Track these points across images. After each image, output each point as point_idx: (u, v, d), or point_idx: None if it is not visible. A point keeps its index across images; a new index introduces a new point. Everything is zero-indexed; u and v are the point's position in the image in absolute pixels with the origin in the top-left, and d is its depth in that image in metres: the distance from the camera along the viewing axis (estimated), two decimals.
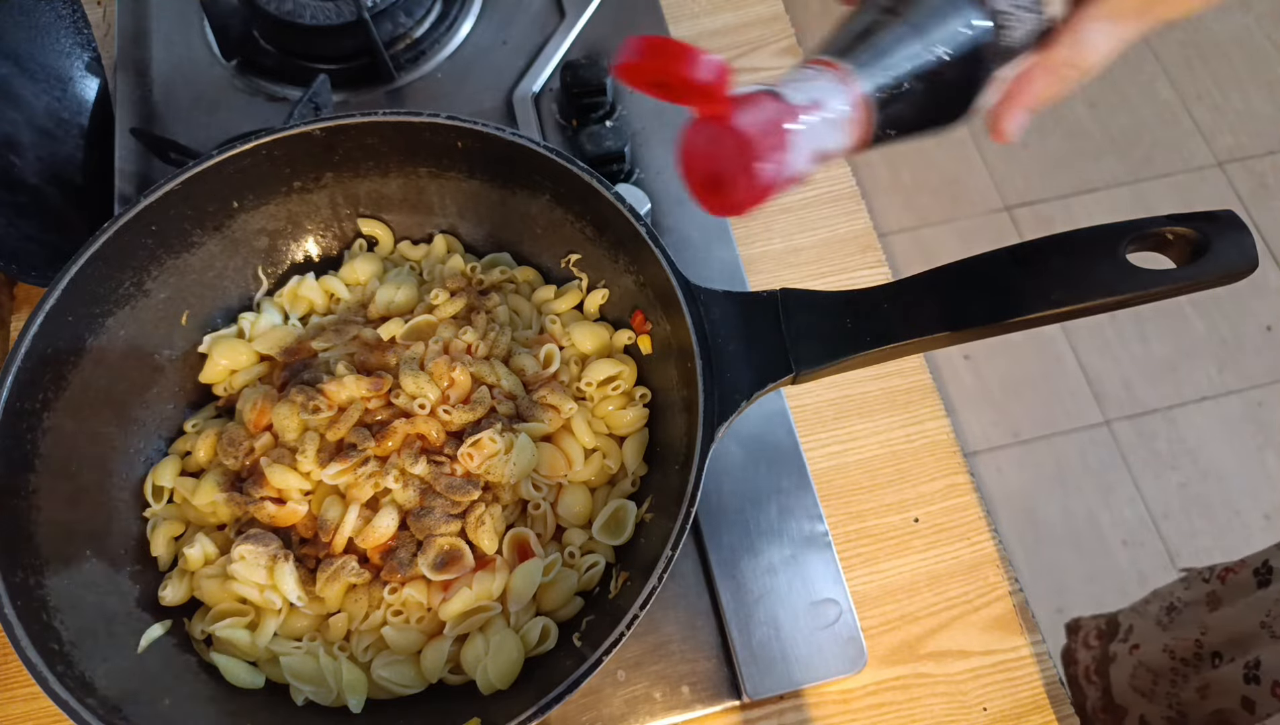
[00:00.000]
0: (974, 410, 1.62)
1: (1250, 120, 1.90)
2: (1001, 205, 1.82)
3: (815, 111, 0.36)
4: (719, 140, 0.36)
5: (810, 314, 0.49)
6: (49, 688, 0.43)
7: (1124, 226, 0.46)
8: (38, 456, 0.49)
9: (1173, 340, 1.69)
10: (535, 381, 0.57)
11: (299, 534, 0.53)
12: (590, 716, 0.56)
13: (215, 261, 0.59)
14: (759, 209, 0.37)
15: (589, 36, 0.78)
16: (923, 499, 0.64)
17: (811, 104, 0.36)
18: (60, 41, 0.72)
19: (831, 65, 0.37)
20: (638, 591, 0.45)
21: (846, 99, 0.36)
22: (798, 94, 0.36)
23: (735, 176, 0.36)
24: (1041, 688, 0.59)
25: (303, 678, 0.50)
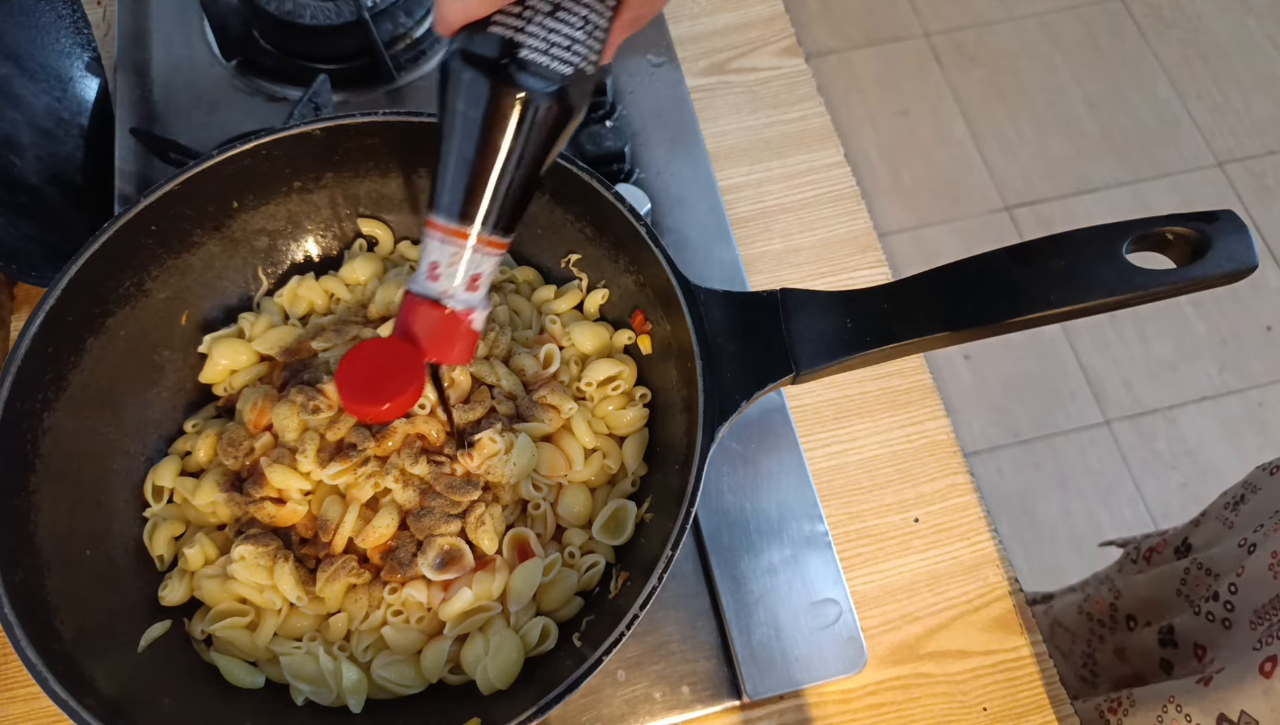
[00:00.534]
0: (974, 410, 1.62)
1: (1250, 120, 1.90)
2: (1001, 205, 1.82)
3: (437, 268, 0.41)
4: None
5: (810, 314, 0.49)
6: (49, 688, 0.43)
7: (1124, 226, 0.46)
8: (38, 456, 0.49)
9: (1173, 340, 1.69)
10: (535, 381, 0.57)
11: (299, 534, 0.53)
12: (590, 716, 0.56)
13: (215, 261, 0.59)
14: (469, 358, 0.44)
15: None
16: (923, 499, 0.64)
17: (430, 266, 0.41)
18: (60, 41, 0.72)
19: (434, 225, 0.41)
20: (638, 591, 0.45)
21: (447, 244, 0.41)
22: (416, 275, 0.42)
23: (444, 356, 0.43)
24: (1041, 688, 0.59)
25: (303, 678, 0.50)
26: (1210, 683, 0.56)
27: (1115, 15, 2.02)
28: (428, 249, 0.42)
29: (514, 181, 0.40)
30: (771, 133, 0.78)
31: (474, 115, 0.39)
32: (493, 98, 0.38)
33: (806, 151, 0.77)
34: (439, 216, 0.41)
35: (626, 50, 0.78)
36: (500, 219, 0.41)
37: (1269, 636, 0.54)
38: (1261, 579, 0.57)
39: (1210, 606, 0.62)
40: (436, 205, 0.41)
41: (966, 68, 1.96)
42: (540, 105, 0.39)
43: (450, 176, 0.40)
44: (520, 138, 0.39)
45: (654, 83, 0.77)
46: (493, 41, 0.38)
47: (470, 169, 0.39)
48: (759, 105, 0.79)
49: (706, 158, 0.74)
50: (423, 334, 0.43)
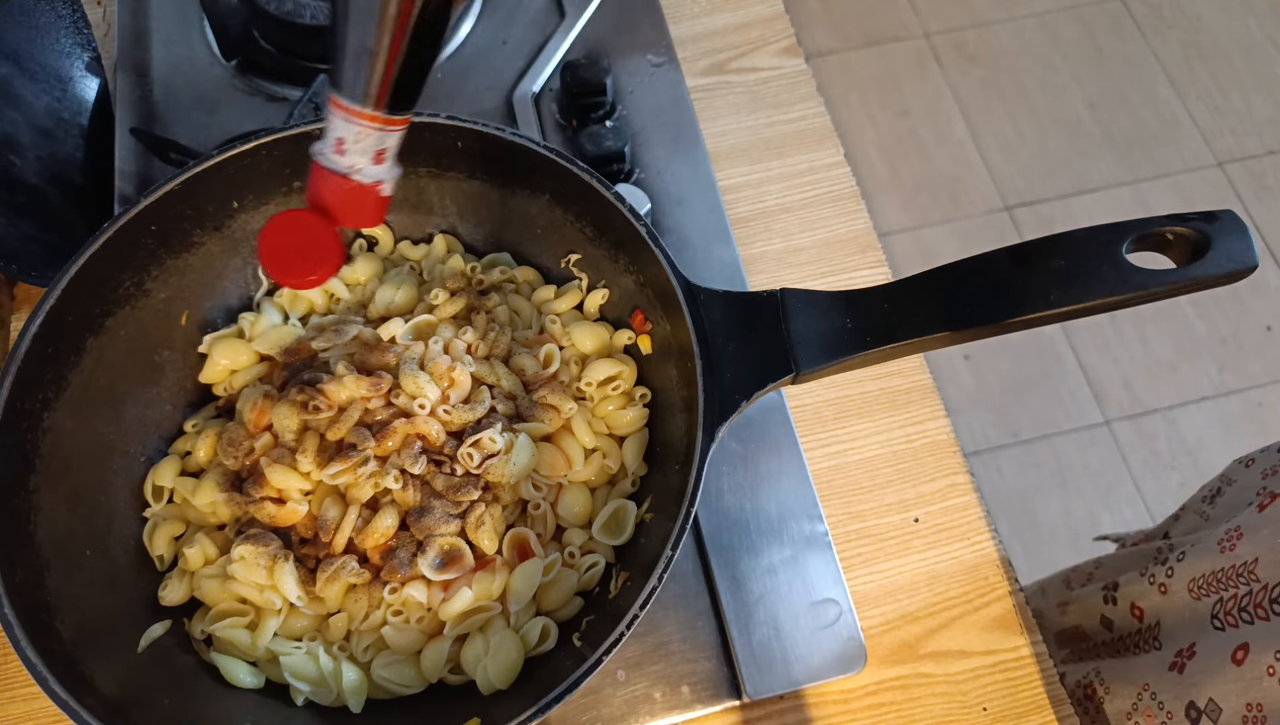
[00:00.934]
0: (974, 410, 1.62)
1: (1250, 120, 1.90)
2: (1001, 205, 1.82)
3: (343, 144, 0.43)
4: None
5: (810, 314, 0.49)
6: (49, 688, 0.43)
7: (1124, 226, 0.46)
8: (38, 456, 0.49)
9: (1173, 340, 1.69)
10: (535, 381, 0.57)
11: (299, 534, 0.53)
12: (590, 716, 0.56)
13: (215, 261, 0.59)
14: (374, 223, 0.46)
15: (589, 36, 0.78)
16: (923, 499, 0.64)
17: (336, 141, 0.43)
18: (60, 41, 0.72)
19: (338, 105, 0.42)
20: (638, 591, 0.45)
21: (351, 124, 0.42)
22: (322, 147, 0.43)
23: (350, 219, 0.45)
24: (1042, 688, 0.59)
25: (303, 678, 0.50)
26: (1184, 670, 0.56)
27: (1115, 15, 2.02)
28: (332, 124, 0.43)
29: (411, 63, 0.41)
30: (771, 133, 0.78)
31: (369, 5, 0.39)
32: None
33: (806, 151, 0.77)
34: (342, 97, 0.42)
35: (626, 50, 0.78)
36: (401, 100, 0.42)
37: (1226, 614, 0.55)
38: (1209, 551, 0.58)
39: (1154, 569, 0.63)
40: (339, 86, 0.41)
41: (966, 68, 1.96)
42: None
43: (349, 59, 0.40)
44: (413, 24, 0.39)
45: (654, 83, 0.77)
46: None
47: (370, 55, 0.40)
48: (759, 105, 0.79)
49: (706, 158, 0.74)
50: (335, 205, 0.45)
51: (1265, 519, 0.55)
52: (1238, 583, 0.55)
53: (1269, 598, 0.51)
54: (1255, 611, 0.52)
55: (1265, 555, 0.53)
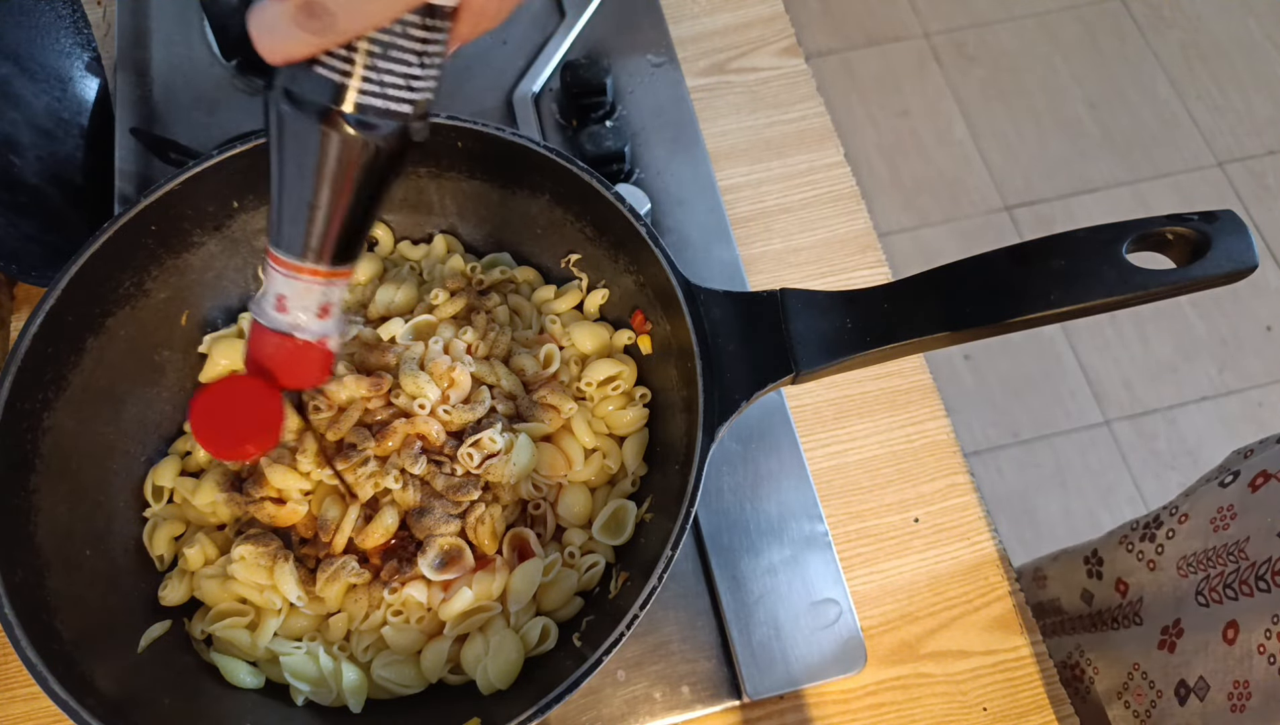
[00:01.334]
0: (974, 410, 1.62)
1: (1250, 120, 1.90)
2: (1001, 205, 1.82)
3: (285, 301, 0.40)
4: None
5: (810, 314, 0.49)
6: (49, 688, 0.43)
7: (1124, 226, 0.46)
8: (38, 456, 0.49)
9: (1173, 340, 1.69)
10: (535, 381, 0.57)
11: (299, 534, 0.53)
12: (590, 716, 0.56)
13: (215, 261, 0.59)
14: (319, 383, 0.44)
15: (589, 36, 0.78)
16: (923, 499, 0.64)
17: (277, 298, 0.40)
18: (60, 41, 0.72)
19: (277, 261, 0.40)
20: (638, 591, 0.45)
21: (293, 280, 0.40)
22: (262, 305, 0.41)
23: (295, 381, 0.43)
24: (1041, 688, 0.59)
25: (303, 678, 0.50)
26: (1175, 649, 0.56)
27: (1115, 15, 2.02)
28: (272, 281, 0.40)
29: (356, 217, 0.38)
30: (771, 133, 0.78)
31: (308, 161, 0.36)
32: (326, 147, 0.35)
33: (806, 151, 0.77)
34: (281, 252, 0.39)
35: (627, 50, 0.78)
36: (342, 253, 0.39)
37: (1211, 590, 0.55)
38: (1201, 529, 0.58)
39: (1143, 546, 0.63)
40: (277, 241, 0.39)
41: (966, 68, 1.96)
42: (379, 147, 0.36)
43: (288, 215, 0.38)
44: (359, 180, 0.37)
45: (654, 83, 0.77)
46: (322, 86, 0.34)
47: (309, 211, 0.37)
48: (759, 105, 0.79)
49: (706, 158, 0.74)
50: (277, 365, 0.42)
51: (1257, 499, 0.55)
52: (1226, 560, 0.55)
53: (1255, 574, 0.51)
54: (1240, 588, 0.52)
55: (1255, 534, 0.53)
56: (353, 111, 0.35)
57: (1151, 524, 0.65)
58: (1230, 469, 0.68)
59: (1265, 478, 0.56)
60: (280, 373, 0.43)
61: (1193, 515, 0.60)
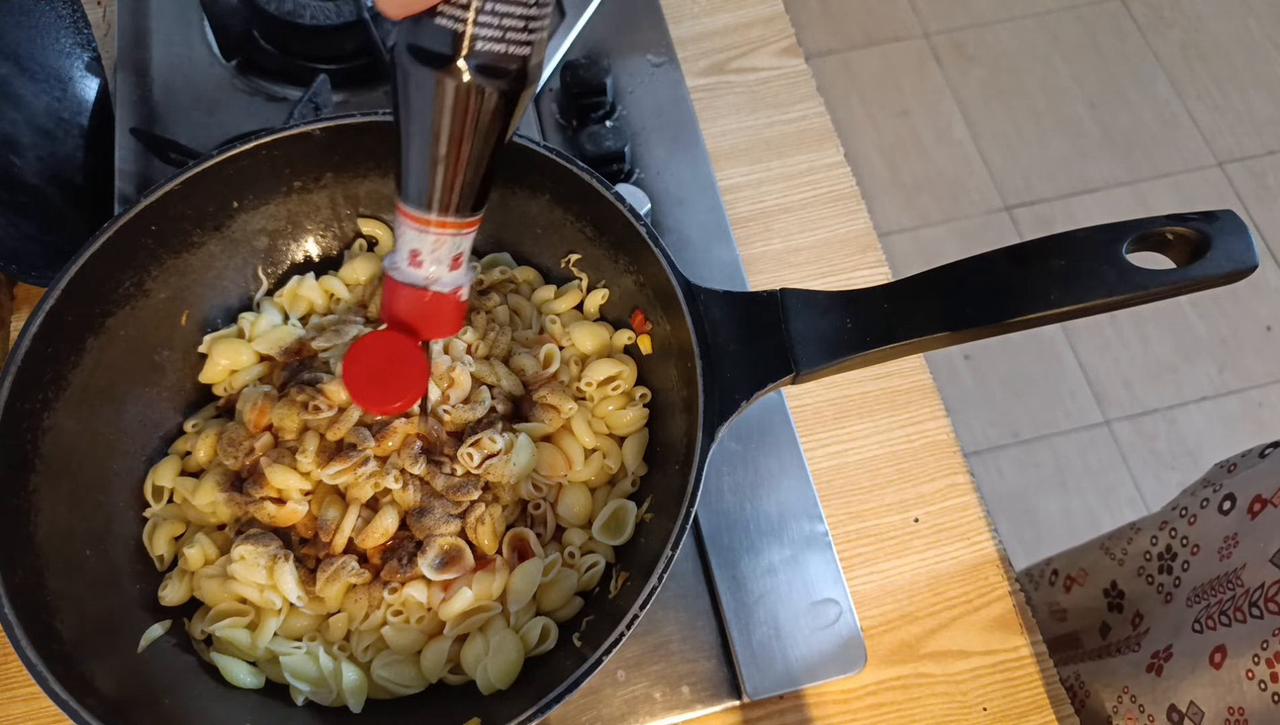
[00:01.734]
0: (974, 410, 1.62)
1: (1250, 120, 1.90)
2: (1001, 205, 1.82)
3: (419, 255, 0.41)
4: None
5: (810, 314, 0.49)
6: (49, 688, 0.43)
7: (1124, 226, 0.46)
8: (38, 456, 0.49)
9: (1173, 340, 1.69)
10: (535, 381, 0.57)
11: (299, 534, 0.53)
12: (590, 716, 0.56)
13: (215, 261, 0.59)
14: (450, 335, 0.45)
15: (589, 36, 0.78)
16: (923, 499, 0.64)
17: (411, 253, 0.41)
18: (60, 41, 0.72)
19: (409, 216, 0.41)
20: (638, 591, 0.45)
21: (426, 233, 0.41)
22: (395, 261, 0.42)
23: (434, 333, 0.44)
24: (1041, 688, 0.59)
25: (303, 678, 0.50)
26: (1162, 673, 0.56)
27: (1115, 15, 2.02)
28: (405, 237, 0.41)
29: (484, 166, 0.39)
30: (771, 133, 0.78)
31: (436, 113, 0.37)
32: (453, 96, 0.36)
33: (806, 151, 0.77)
34: (411, 207, 0.40)
35: (626, 50, 0.78)
36: (471, 202, 0.40)
37: (1208, 618, 0.55)
38: (1209, 560, 0.58)
39: (1162, 579, 0.63)
40: (406, 195, 0.40)
41: (966, 68, 1.96)
42: (503, 92, 0.37)
43: (417, 168, 0.39)
44: (485, 128, 0.38)
45: (654, 83, 0.77)
46: (443, 36, 0.35)
47: (441, 164, 0.38)
48: (759, 105, 0.79)
49: (706, 158, 0.74)
50: (416, 319, 0.43)
51: (1254, 527, 0.55)
52: (1224, 588, 0.55)
53: (1249, 600, 0.51)
54: (1234, 614, 0.52)
55: (1251, 560, 0.53)
56: (473, 58, 0.35)
57: (1165, 554, 0.65)
58: (1213, 482, 0.67)
59: (1262, 504, 0.56)
60: (421, 325, 0.43)
61: (1203, 545, 0.60)
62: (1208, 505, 0.61)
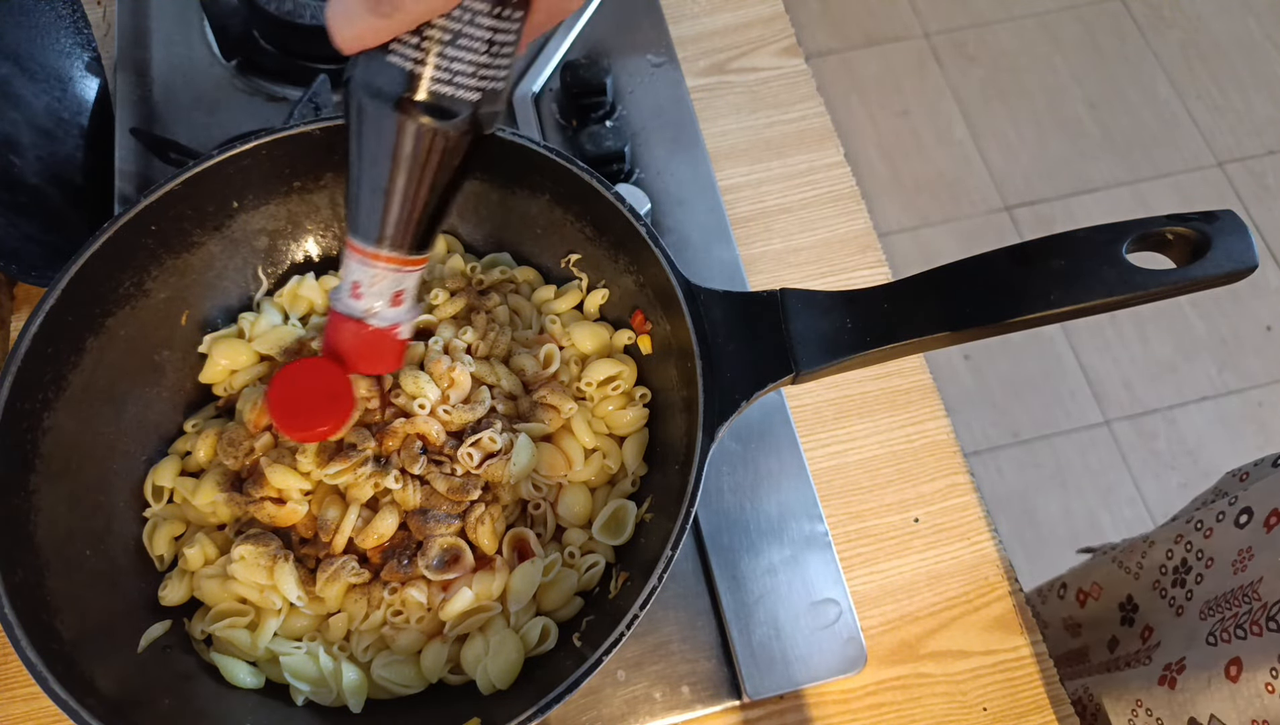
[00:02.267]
0: (974, 410, 1.62)
1: (1250, 120, 1.90)
2: (1001, 205, 1.82)
3: (359, 287, 0.42)
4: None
5: (810, 314, 0.49)
6: (49, 688, 0.43)
7: (1124, 226, 0.46)
8: (38, 456, 0.49)
9: (1173, 340, 1.69)
10: (535, 381, 0.57)
11: (299, 534, 0.53)
12: (590, 716, 0.56)
13: (215, 261, 0.59)
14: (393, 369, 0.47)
15: (589, 36, 0.78)
16: (923, 499, 0.64)
17: (353, 287, 0.42)
18: (60, 41, 0.72)
19: (353, 247, 0.41)
20: (638, 591, 0.45)
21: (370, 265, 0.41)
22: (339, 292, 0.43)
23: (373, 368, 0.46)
24: (1042, 688, 0.59)
25: (303, 678, 0.50)
26: (1175, 685, 0.56)
27: (1115, 15, 2.02)
28: (349, 268, 0.42)
29: (428, 205, 0.40)
30: (771, 133, 0.78)
31: (382, 148, 0.38)
32: (399, 133, 0.37)
33: (806, 151, 0.77)
34: (354, 238, 0.41)
35: (626, 50, 0.78)
36: (417, 240, 0.41)
37: (1222, 631, 0.55)
38: (1223, 573, 0.58)
39: (1175, 592, 0.62)
40: (354, 228, 0.41)
41: (966, 68, 1.96)
42: (449, 135, 0.37)
43: (364, 202, 0.40)
44: (431, 167, 0.38)
45: (654, 83, 0.77)
46: (393, 74, 0.36)
47: (384, 197, 0.39)
48: (759, 105, 0.79)
49: (706, 158, 0.74)
50: (349, 351, 0.44)
51: (1271, 539, 0.55)
52: (1241, 602, 0.54)
53: (1266, 614, 0.51)
54: (1250, 628, 0.52)
55: (1269, 574, 0.53)
56: (423, 99, 0.36)
57: (1180, 568, 0.64)
58: (1227, 493, 0.67)
59: (1278, 517, 0.56)
60: (353, 358, 0.44)
61: (1217, 558, 0.60)
62: (1224, 518, 0.61)
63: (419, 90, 0.36)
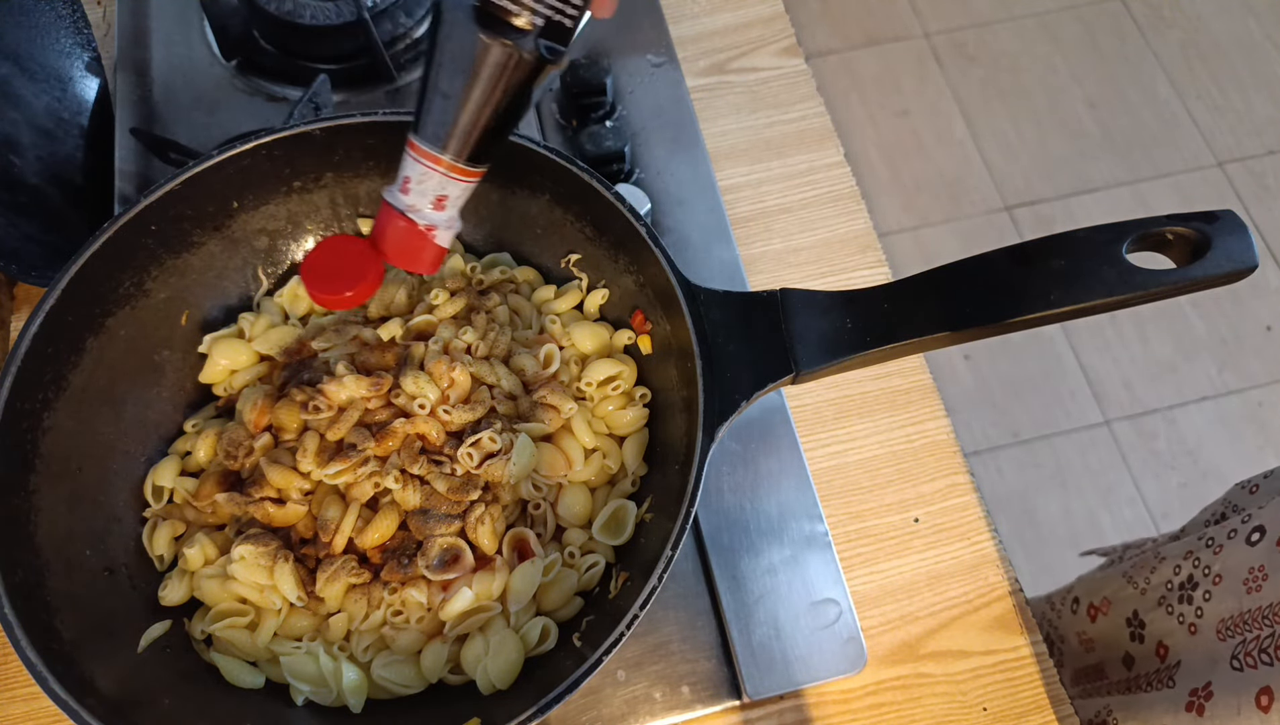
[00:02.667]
0: (974, 410, 1.62)
1: (1250, 120, 1.90)
2: (1001, 205, 1.82)
3: (409, 183, 0.45)
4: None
5: (810, 314, 0.49)
6: (49, 688, 0.43)
7: (1124, 226, 0.46)
8: (38, 456, 0.49)
9: (1173, 340, 1.69)
10: (535, 381, 0.57)
11: (299, 534, 0.53)
12: (590, 716, 0.56)
13: (215, 261, 0.59)
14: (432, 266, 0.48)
15: (589, 36, 0.78)
16: (923, 499, 0.64)
17: (404, 182, 0.45)
18: (60, 41, 0.72)
19: (411, 145, 0.44)
20: (638, 591, 0.45)
21: (424, 163, 0.44)
22: (392, 187, 0.45)
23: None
24: (1042, 688, 0.59)
25: (303, 678, 0.50)
26: (1204, 713, 0.56)
27: (1115, 15, 2.02)
28: (404, 164, 0.44)
29: (489, 120, 0.43)
30: (771, 133, 0.78)
31: (455, 58, 0.41)
32: (474, 45, 0.40)
33: (806, 151, 0.77)
34: (416, 138, 0.43)
35: (626, 50, 0.78)
36: (472, 152, 0.43)
37: (1246, 655, 0.54)
38: (1233, 591, 0.57)
39: (1182, 609, 0.62)
40: (416, 127, 0.43)
41: (966, 68, 1.96)
42: (518, 55, 0.41)
43: (431, 105, 0.42)
44: (497, 84, 0.41)
45: (654, 83, 0.77)
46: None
47: (449, 103, 0.42)
48: (759, 105, 0.79)
49: (706, 158, 0.74)
50: (389, 242, 0.47)
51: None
52: (1261, 624, 0.54)
53: None
54: (1276, 654, 0.52)
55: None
56: (499, 15, 0.40)
57: (1187, 584, 0.64)
58: (1240, 508, 0.67)
59: None
60: (390, 249, 0.47)
61: (1225, 576, 0.60)
62: (1235, 536, 0.60)
63: (522, 16, 0.40)
